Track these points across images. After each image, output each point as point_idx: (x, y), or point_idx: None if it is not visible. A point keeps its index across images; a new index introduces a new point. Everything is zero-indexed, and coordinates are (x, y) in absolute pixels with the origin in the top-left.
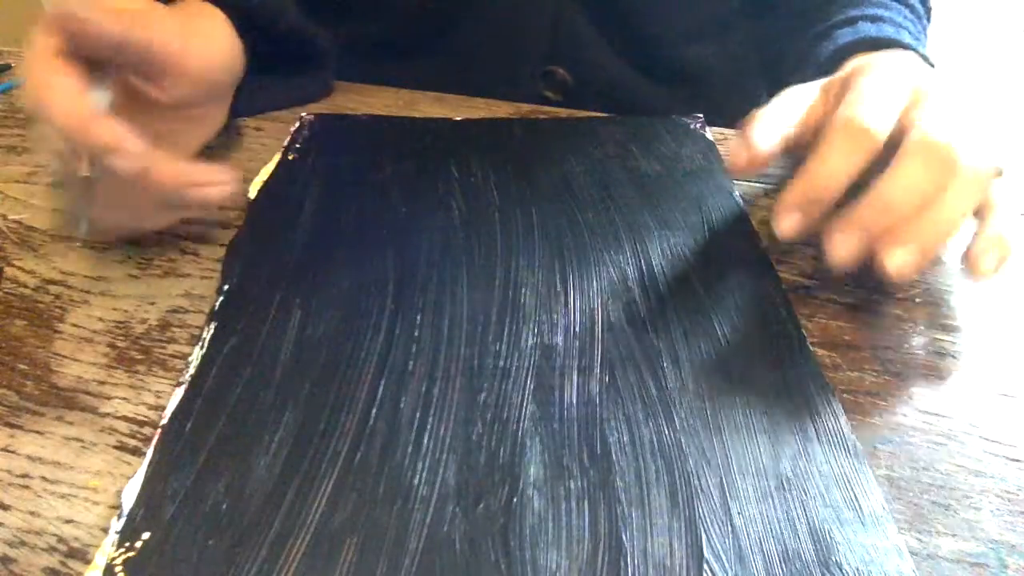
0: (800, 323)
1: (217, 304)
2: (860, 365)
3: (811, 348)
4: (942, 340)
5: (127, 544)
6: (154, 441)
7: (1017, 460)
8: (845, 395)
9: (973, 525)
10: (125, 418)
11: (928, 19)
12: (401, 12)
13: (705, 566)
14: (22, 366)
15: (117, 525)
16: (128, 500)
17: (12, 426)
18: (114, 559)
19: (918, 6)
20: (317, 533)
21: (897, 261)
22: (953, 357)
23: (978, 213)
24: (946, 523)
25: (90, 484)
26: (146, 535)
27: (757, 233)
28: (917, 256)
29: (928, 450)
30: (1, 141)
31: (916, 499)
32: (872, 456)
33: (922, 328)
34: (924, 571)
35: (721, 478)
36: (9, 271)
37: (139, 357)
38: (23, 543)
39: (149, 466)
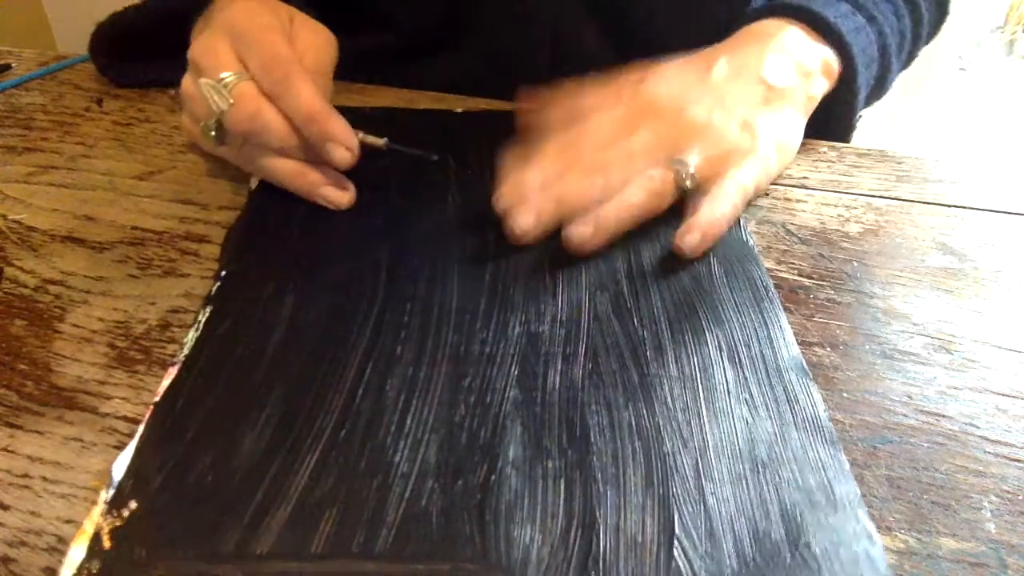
0: (784, 314)
1: (213, 288)
2: (860, 365)
3: (794, 338)
4: (942, 340)
5: (115, 512)
6: (146, 417)
7: (1017, 460)
8: (844, 395)
9: (973, 525)
10: (125, 418)
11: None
12: (402, 34)
13: (675, 542)
14: (22, 366)
15: (106, 495)
16: (118, 472)
17: (12, 426)
18: (102, 527)
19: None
20: (298, 505)
21: (574, 235)
22: (952, 357)
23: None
24: (946, 523)
25: (90, 484)
26: (133, 504)
27: (747, 228)
28: (591, 228)
29: (928, 450)
30: (1, 141)
31: (916, 499)
32: (872, 456)
33: (922, 328)
34: (924, 571)
35: (697, 460)
36: (9, 271)
37: (139, 357)
38: (23, 543)
39: (139, 440)
